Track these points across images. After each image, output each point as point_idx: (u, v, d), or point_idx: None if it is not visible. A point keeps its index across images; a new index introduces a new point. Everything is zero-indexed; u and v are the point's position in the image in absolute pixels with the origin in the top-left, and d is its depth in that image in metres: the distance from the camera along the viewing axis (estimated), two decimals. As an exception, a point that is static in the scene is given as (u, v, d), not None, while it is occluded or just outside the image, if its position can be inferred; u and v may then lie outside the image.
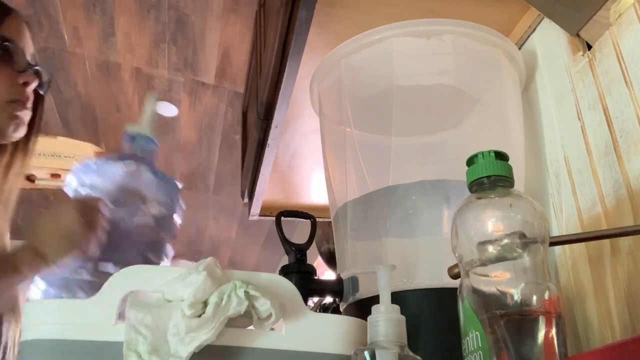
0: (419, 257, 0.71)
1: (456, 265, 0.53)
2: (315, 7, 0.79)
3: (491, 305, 0.46)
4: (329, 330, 0.53)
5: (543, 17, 0.81)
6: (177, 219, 0.84)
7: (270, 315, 0.50)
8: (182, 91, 2.68)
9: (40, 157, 2.42)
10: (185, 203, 0.86)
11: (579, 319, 0.69)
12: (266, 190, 1.19)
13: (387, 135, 0.75)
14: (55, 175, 2.50)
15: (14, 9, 0.89)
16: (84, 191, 0.79)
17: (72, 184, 0.80)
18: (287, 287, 0.53)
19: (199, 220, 3.76)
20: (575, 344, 0.68)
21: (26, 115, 0.87)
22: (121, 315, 0.51)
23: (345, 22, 0.86)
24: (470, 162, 0.52)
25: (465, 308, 0.49)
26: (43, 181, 2.50)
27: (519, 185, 0.63)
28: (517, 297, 0.46)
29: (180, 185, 0.84)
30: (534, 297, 0.46)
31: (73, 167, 0.82)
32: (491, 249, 0.47)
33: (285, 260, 0.78)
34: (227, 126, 2.89)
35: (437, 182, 0.73)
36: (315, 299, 1.07)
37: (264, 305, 0.50)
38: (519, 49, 0.85)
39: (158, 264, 0.79)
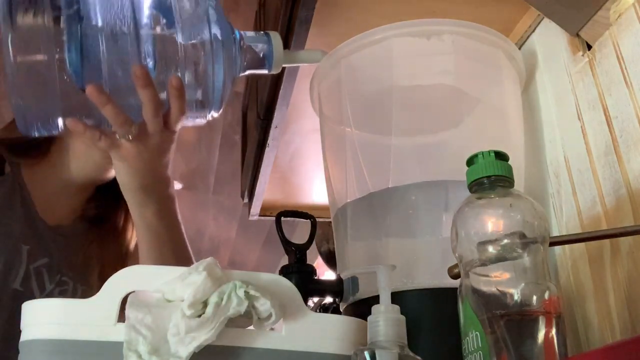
0: (419, 257, 0.71)
1: (456, 265, 0.53)
2: (315, 7, 0.79)
3: (491, 305, 0.46)
4: (329, 330, 0.53)
5: (543, 17, 0.81)
6: None
7: (270, 315, 0.50)
8: (182, 91, 2.68)
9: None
10: (185, 203, 0.85)
11: (579, 319, 0.69)
12: (266, 190, 1.19)
13: (387, 135, 0.76)
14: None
15: None
16: None
17: None
18: (287, 287, 0.53)
19: (199, 220, 3.75)
20: (575, 344, 0.68)
21: None
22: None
23: (345, 22, 0.86)
24: (470, 162, 0.52)
25: (465, 308, 0.49)
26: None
27: (519, 185, 0.63)
28: (517, 297, 0.46)
29: None
30: (534, 297, 0.46)
31: None
32: (491, 249, 0.47)
33: (285, 260, 0.78)
34: (227, 126, 2.89)
35: (437, 182, 0.73)
36: (315, 299, 1.07)
37: (264, 305, 0.50)
38: (519, 49, 0.85)
39: None
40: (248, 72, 0.79)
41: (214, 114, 0.78)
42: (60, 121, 0.69)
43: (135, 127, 0.68)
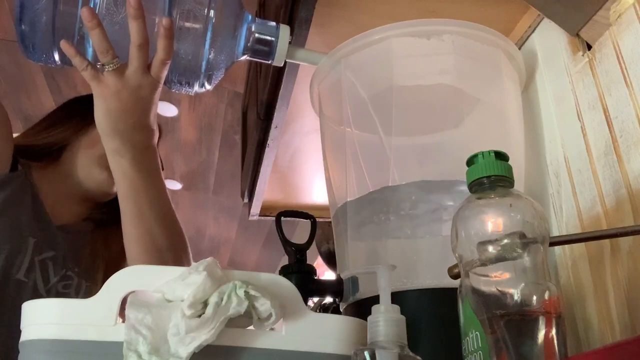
0: (419, 257, 0.71)
1: (456, 265, 0.53)
2: (315, 7, 0.79)
3: (491, 305, 0.46)
4: (329, 330, 0.53)
5: (543, 17, 0.81)
6: None
7: (270, 315, 0.50)
8: (182, 91, 2.68)
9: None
10: (185, 203, 0.85)
11: (579, 319, 0.69)
12: (266, 190, 1.19)
13: (387, 135, 0.75)
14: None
15: None
16: None
17: None
18: (287, 287, 0.53)
19: (199, 220, 3.76)
20: (575, 344, 0.68)
21: None
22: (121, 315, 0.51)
23: (345, 22, 0.86)
24: (470, 162, 0.52)
25: (465, 308, 0.49)
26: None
27: (519, 185, 0.63)
28: (517, 297, 0.46)
29: None
30: (534, 297, 0.46)
31: None
32: (491, 249, 0.47)
33: (285, 260, 0.78)
34: (227, 126, 2.90)
35: (437, 182, 0.73)
36: (315, 299, 1.07)
37: (264, 305, 0.50)
38: (519, 49, 0.85)
39: None
40: (250, 57, 0.81)
41: (205, 86, 0.79)
42: (57, 55, 0.74)
43: (117, 61, 0.70)
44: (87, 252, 0.97)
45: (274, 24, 0.80)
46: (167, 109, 2.82)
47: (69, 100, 1.07)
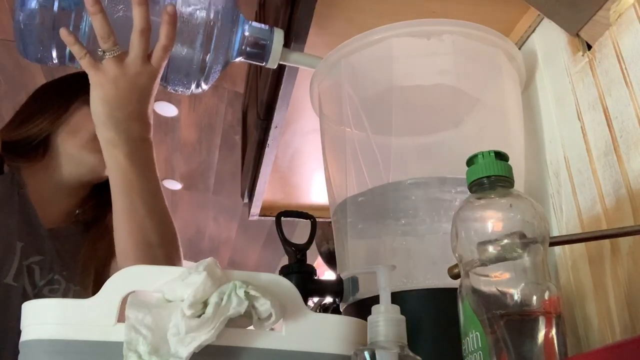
0: (419, 257, 0.71)
1: (456, 265, 0.53)
2: (315, 7, 0.79)
3: (491, 305, 0.46)
4: (329, 330, 0.53)
5: (543, 17, 0.81)
6: None
7: (270, 316, 0.50)
8: (182, 91, 2.68)
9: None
10: (185, 203, 0.85)
11: (579, 319, 0.69)
12: (266, 190, 1.19)
13: (388, 136, 0.76)
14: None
15: None
16: None
17: None
18: (287, 287, 0.53)
19: (199, 220, 3.76)
20: (575, 344, 0.68)
21: None
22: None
23: (345, 22, 0.86)
24: (470, 162, 0.52)
25: (465, 308, 0.49)
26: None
27: (519, 185, 0.63)
28: (517, 297, 0.46)
29: None
30: (534, 297, 0.46)
31: None
32: (491, 249, 0.47)
33: (285, 260, 0.78)
34: (227, 126, 2.90)
35: (437, 180, 0.73)
36: (315, 299, 1.07)
37: (264, 306, 0.50)
38: (519, 49, 0.85)
39: None
40: (245, 60, 0.82)
41: (201, 86, 0.80)
42: (54, 52, 0.74)
43: (118, 48, 0.70)
44: (77, 257, 0.96)
45: (267, 27, 0.81)
46: (167, 109, 2.81)
47: (38, 89, 1.04)
